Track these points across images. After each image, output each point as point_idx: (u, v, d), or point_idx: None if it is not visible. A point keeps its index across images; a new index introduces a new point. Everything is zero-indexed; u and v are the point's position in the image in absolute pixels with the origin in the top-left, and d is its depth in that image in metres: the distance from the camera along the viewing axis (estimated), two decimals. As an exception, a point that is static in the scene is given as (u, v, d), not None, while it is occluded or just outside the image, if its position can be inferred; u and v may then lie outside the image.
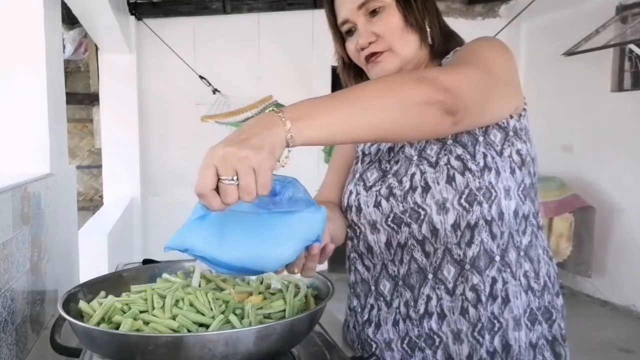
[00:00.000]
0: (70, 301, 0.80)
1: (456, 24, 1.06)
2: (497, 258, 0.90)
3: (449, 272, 0.90)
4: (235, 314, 0.76)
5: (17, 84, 1.36)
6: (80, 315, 0.80)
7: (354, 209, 0.98)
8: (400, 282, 0.93)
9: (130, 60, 4.19)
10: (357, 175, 1.00)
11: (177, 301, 0.79)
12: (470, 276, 0.89)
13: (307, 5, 4.61)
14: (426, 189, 0.90)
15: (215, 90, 3.89)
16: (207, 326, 0.75)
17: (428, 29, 0.97)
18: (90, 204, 5.01)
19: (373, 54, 0.96)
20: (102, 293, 0.87)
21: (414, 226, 0.91)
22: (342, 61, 1.06)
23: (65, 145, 1.65)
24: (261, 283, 0.92)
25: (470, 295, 0.89)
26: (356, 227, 0.99)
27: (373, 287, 0.98)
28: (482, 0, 5.03)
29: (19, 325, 1.02)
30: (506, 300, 0.89)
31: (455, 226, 0.89)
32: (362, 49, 0.96)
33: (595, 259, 4.09)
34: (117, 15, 3.21)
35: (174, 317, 0.75)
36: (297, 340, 0.78)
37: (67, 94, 1.74)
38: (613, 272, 4.13)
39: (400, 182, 0.93)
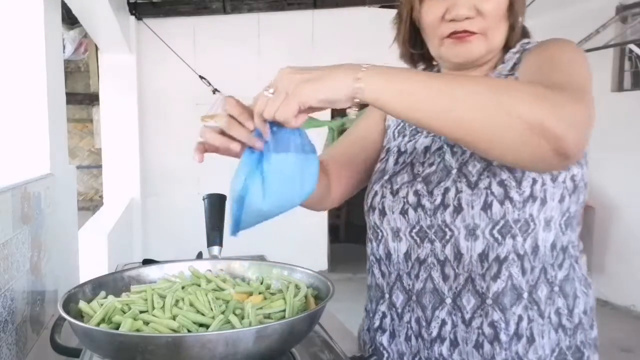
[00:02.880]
0: (70, 301, 0.80)
1: (456, 23, 1.05)
2: (525, 295, 0.82)
3: (469, 301, 0.83)
4: (235, 314, 0.76)
5: (17, 84, 1.36)
6: (80, 316, 0.80)
7: (377, 212, 0.91)
8: (414, 298, 0.88)
9: (130, 60, 4.19)
10: (387, 177, 0.92)
11: (177, 301, 0.79)
12: (491, 312, 0.82)
13: (307, 5, 4.61)
14: (458, 209, 0.82)
15: (215, 90, 3.89)
16: (207, 326, 0.74)
17: (520, 20, 0.88)
18: (90, 204, 5.01)
19: (463, 31, 0.83)
20: (102, 293, 0.87)
21: (438, 244, 0.85)
22: (404, 26, 0.93)
23: (65, 145, 1.65)
24: (261, 283, 0.92)
25: (487, 330, 0.82)
26: (378, 231, 0.93)
27: (387, 295, 0.93)
28: (482, 0, 5.03)
29: (19, 325, 1.02)
30: (531, 340, 0.82)
31: (483, 256, 0.82)
32: (453, 20, 0.83)
33: (595, 259, 4.09)
34: (117, 15, 3.21)
35: (174, 317, 0.75)
36: (297, 340, 0.78)
37: (67, 94, 1.74)
38: (613, 272, 4.13)
39: (430, 193, 0.85)
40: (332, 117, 4.65)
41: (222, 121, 0.74)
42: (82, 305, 0.81)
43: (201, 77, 3.90)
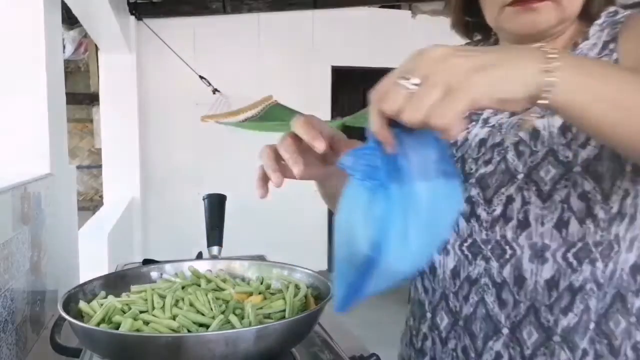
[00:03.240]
0: (70, 301, 0.80)
1: (456, 24, 1.05)
2: (592, 325, 0.68)
3: (530, 335, 0.69)
4: (235, 314, 0.76)
5: (17, 84, 1.36)
6: (80, 316, 0.80)
7: None
8: (461, 323, 0.75)
9: (130, 60, 4.19)
10: None
11: (177, 301, 0.79)
12: (558, 351, 0.68)
13: (307, 5, 4.61)
14: (524, 225, 0.68)
15: (215, 90, 3.89)
16: (207, 326, 0.74)
17: None
18: (90, 204, 5.01)
19: None
20: (102, 293, 0.87)
21: (494, 264, 0.70)
22: None
23: (65, 145, 1.65)
24: (261, 283, 0.92)
25: None
26: None
27: (429, 315, 0.80)
28: (482, 0, 5.03)
29: (19, 325, 1.02)
30: None
31: (551, 283, 0.68)
32: None
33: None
34: (117, 15, 3.21)
35: (174, 317, 0.75)
36: (297, 340, 0.78)
37: (67, 94, 1.74)
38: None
39: (488, 201, 0.71)
40: (332, 117, 4.66)
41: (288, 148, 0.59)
42: (82, 305, 0.81)
43: (201, 77, 3.89)
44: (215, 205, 1.07)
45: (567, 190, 0.66)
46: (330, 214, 5.14)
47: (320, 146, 0.58)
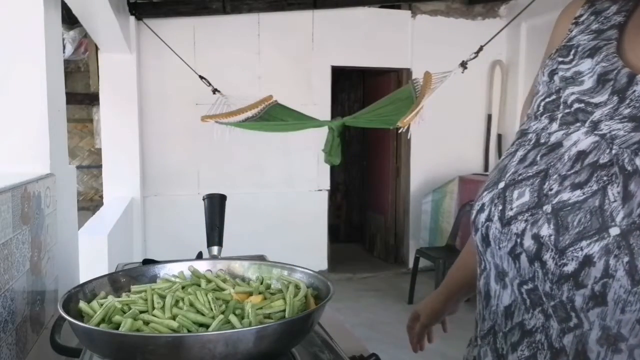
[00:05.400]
0: (70, 301, 0.80)
1: (456, 24, 1.05)
2: None
3: None
4: (235, 314, 0.76)
5: (17, 84, 1.36)
6: (80, 316, 0.80)
7: (479, 235, 0.62)
8: None
9: (130, 60, 4.19)
10: (502, 185, 0.59)
11: (177, 301, 0.79)
12: None
13: (307, 5, 4.61)
14: (599, 301, 0.50)
15: (215, 90, 3.89)
16: (207, 326, 0.75)
17: None
18: (90, 204, 5.00)
19: None
20: (102, 293, 0.87)
21: (554, 325, 0.54)
22: None
23: (65, 145, 1.65)
24: (261, 283, 0.92)
25: None
26: (481, 258, 0.64)
27: (478, 341, 0.67)
28: (482, 0, 5.03)
29: (19, 325, 1.02)
30: None
31: None
32: None
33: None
34: (117, 15, 3.21)
35: (174, 317, 0.75)
36: (297, 340, 0.78)
37: (67, 94, 1.74)
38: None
39: (561, 251, 0.53)
40: (332, 117, 4.66)
41: None
42: (82, 305, 0.81)
43: (201, 77, 3.89)
44: (215, 205, 1.07)
45: None
46: (330, 215, 5.15)
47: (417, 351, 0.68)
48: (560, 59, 0.63)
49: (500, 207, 0.58)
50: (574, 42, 0.63)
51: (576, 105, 0.57)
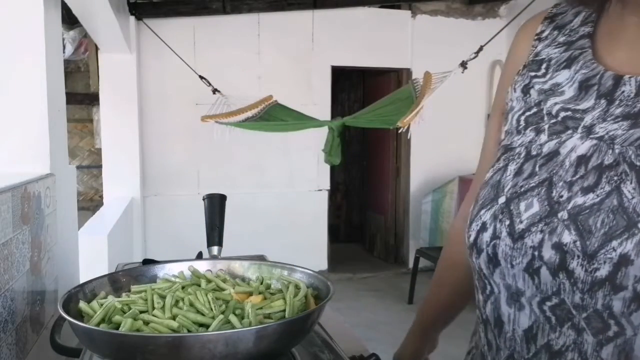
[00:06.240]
0: (70, 301, 0.80)
1: (456, 23, 1.04)
2: None
3: None
4: (235, 314, 0.76)
5: (17, 84, 1.36)
6: (80, 316, 0.80)
7: (484, 255, 0.58)
8: None
9: (130, 60, 4.19)
10: (503, 200, 0.57)
11: (177, 301, 0.79)
12: None
13: (307, 5, 4.62)
14: None
15: (215, 90, 3.89)
16: (207, 326, 0.74)
17: None
18: (90, 204, 5.01)
19: None
20: (102, 293, 0.87)
21: (589, 339, 0.51)
22: None
23: (65, 145, 1.65)
24: (261, 283, 0.92)
25: None
26: (485, 281, 0.60)
27: None
28: (482, 0, 5.03)
29: (19, 325, 1.02)
30: None
31: None
32: None
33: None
34: (117, 15, 3.21)
35: (174, 317, 0.75)
36: (297, 340, 0.78)
37: (67, 94, 1.74)
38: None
39: (590, 255, 0.50)
40: (332, 117, 4.66)
41: None
42: (82, 305, 0.81)
43: (201, 77, 3.89)
44: (215, 205, 1.07)
45: None
46: (330, 215, 5.15)
47: None
48: (532, 74, 0.63)
49: (507, 222, 0.55)
50: (543, 55, 0.64)
51: (563, 114, 0.58)
